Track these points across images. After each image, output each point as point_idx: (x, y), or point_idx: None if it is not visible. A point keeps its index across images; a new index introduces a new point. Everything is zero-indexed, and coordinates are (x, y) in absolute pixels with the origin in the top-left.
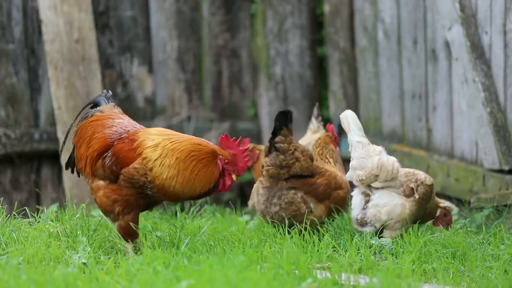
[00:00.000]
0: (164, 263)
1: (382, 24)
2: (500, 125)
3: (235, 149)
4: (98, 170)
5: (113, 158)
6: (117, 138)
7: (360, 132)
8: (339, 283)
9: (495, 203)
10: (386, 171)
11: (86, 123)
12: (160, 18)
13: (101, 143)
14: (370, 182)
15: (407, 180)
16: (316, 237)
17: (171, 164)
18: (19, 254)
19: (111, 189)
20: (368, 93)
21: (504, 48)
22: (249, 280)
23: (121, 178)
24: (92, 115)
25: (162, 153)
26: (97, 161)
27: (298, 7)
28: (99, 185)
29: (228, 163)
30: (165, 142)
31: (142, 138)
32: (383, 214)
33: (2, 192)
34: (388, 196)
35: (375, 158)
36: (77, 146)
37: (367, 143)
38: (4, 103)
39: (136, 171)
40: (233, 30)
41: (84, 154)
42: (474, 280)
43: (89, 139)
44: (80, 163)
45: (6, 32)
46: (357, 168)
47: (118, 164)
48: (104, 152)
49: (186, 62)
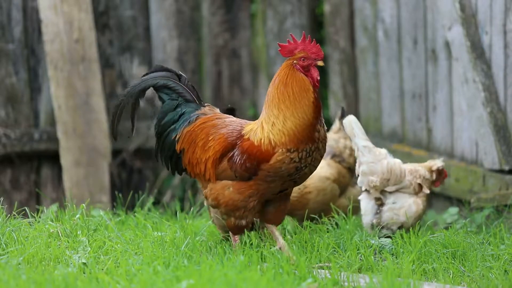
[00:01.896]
0: (164, 263)
1: (382, 24)
2: (500, 125)
3: (300, 45)
4: (225, 172)
5: (245, 156)
6: (238, 136)
7: (364, 136)
8: (339, 283)
9: (495, 203)
10: (395, 175)
11: (194, 127)
12: (160, 18)
13: (222, 144)
14: (383, 187)
15: (413, 177)
16: (316, 237)
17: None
18: (19, 254)
19: (248, 185)
20: (368, 93)
21: (504, 48)
22: (249, 280)
23: (262, 174)
24: (196, 118)
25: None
26: (221, 163)
27: (298, 7)
28: (226, 184)
29: (304, 58)
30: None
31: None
32: (401, 216)
33: (2, 192)
34: (401, 198)
35: (384, 162)
36: (189, 151)
37: (372, 146)
38: (4, 103)
39: (282, 162)
40: (233, 30)
41: (202, 158)
42: (474, 280)
43: (203, 142)
44: (197, 167)
45: (6, 32)
46: (368, 173)
47: (253, 160)
48: (227, 152)
49: (186, 62)
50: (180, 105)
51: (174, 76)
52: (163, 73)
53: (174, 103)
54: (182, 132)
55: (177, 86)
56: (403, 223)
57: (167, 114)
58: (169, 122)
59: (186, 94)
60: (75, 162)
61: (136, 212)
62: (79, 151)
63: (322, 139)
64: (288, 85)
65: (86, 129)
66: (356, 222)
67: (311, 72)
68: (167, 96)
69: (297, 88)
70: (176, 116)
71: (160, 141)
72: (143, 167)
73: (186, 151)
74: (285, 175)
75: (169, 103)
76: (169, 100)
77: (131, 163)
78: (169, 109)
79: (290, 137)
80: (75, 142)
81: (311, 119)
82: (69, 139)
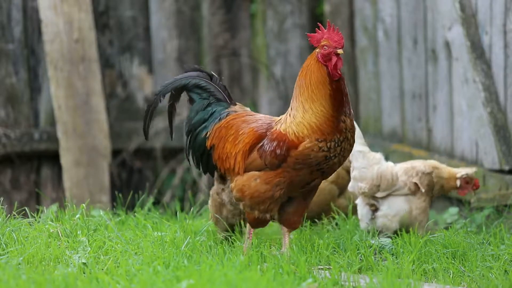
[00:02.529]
0: (164, 263)
1: (382, 24)
2: (500, 125)
3: (325, 33)
4: (255, 162)
5: (275, 143)
6: (267, 128)
7: (361, 140)
8: (339, 283)
9: (495, 203)
10: (386, 181)
11: (224, 123)
12: (160, 18)
13: (252, 136)
14: (373, 193)
15: (409, 177)
16: (316, 237)
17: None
18: (19, 254)
19: (275, 173)
20: (368, 93)
21: (504, 48)
22: (249, 280)
23: (290, 160)
24: (227, 115)
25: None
26: (250, 154)
27: (298, 7)
28: (254, 175)
29: (326, 46)
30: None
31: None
32: (394, 223)
33: (2, 192)
34: (394, 203)
35: (375, 167)
36: (219, 146)
37: (368, 151)
38: (4, 103)
39: (311, 150)
40: (233, 30)
41: (232, 151)
42: (474, 280)
43: (233, 136)
44: (227, 161)
45: (6, 32)
46: (358, 179)
47: (283, 146)
48: (257, 144)
49: (186, 62)
50: (211, 104)
51: (206, 76)
52: (195, 73)
53: (204, 102)
54: (212, 129)
55: (209, 85)
56: (396, 230)
57: (198, 113)
58: (199, 121)
59: (218, 93)
60: (75, 162)
61: (136, 212)
62: (79, 151)
63: (349, 128)
64: (307, 76)
65: (86, 129)
66: (356, 222)
67: (331, 61)
68: (197, 96)
69: (314, 79)
70: (206, 115)
71: (191, 140)
72: (143, 167)
73: (216, 147)
74: (313, 164)
75: (199, 102)
76: (200, 99)
77: (131, 163)
78: (199, 108)
79: (312, 129)
80: (75, 142)
81: (330, 111)
82: (69, 139)
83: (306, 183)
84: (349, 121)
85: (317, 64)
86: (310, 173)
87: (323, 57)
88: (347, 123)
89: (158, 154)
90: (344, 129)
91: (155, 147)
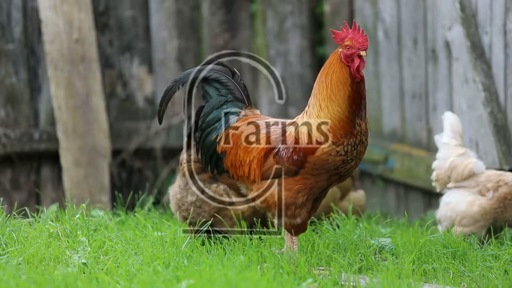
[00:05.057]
0: (164, 263)
1: (382, 24)
2: (500, 125)
3: (350, 33)
4: (270, 169)
5: (291, 149)
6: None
7: (452, 134)
8: (339, 283)
9: None
10: (457, 173)
11: (234, 129)
12: (160, 18)
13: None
14: (444, 183)
15: (487, 180)
16: (316, 238)
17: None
18: (19, 254)
19: (294, 180)
20: (368, 93)
21: (504, 48)
22: (249, 280)
23: (308, 166)
24: (237, 120)
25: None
26: (265, 161)
27: (298, 7)
28: (272, 183)
29: (349, 47)
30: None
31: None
32: (449, 211)
33: (2, 192)
34: (457, 194)
35: (450, 159)
36: (231, 153)
37: (455, 144)
38: (4, 103)
39: (328, 154)
40: (233, 30)
41: (246, 160)
42: (475, 280)
43: (246, 144)
44: (240, 169)
45: (6, 32)
46: (435, 168)
47: (300, 152)
48: (271, 150)
49: (186, 62)
50: (227, 102)
51: (228, 72)
52: (218, 67)
53: (221, 99)
54: (223, 133)
55: (229, 82)
56: (450, 220)
57: (213, 111)
58: (213, 120)
59: (237, 92)
60: (75, 162)
61: (136, 212)
62: (79, 151)
63: (364, 132)
64: (328, 75)
65: (86, 129)
66: (356, 223)
67: (354, 62)
68: (215, 91)
69: (335, 79)
70: (220, 114)
71: (202, 138)
72: (143, 167)
73: (228, 153)
74: (331, 168)
75: (216, 98)
76: (217, 95)
77: (131, 163)
78: (215, 105)
79: (327, 132)
80: (75, 142)
81: (346, 113)
82: (69, 139)
83: (325, 187)
84: (364, 124)
85: (340, 64)
86: (328, 177)
87: (346, 57)
88: (362, 127)
89: (158, 154)
90: (358, 133)
91: (155, 147)
